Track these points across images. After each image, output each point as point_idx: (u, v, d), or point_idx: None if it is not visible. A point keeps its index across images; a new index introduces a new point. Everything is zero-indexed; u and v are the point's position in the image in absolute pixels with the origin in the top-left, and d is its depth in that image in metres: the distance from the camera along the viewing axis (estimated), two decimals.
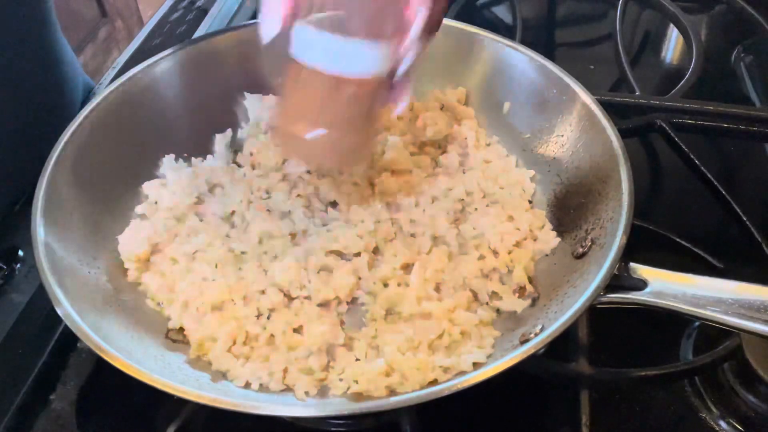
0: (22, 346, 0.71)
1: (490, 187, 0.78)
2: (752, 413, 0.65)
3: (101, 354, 0.55)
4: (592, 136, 0.73)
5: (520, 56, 0.82)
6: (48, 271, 0.60)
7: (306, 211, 0.76)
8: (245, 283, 0.69)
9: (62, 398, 0.67)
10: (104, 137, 0.75)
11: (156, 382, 0.53)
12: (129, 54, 1.07)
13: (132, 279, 0.71)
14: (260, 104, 0.87)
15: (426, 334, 0.65)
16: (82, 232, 0.69)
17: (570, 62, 0.91)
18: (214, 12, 1.15)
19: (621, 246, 0.60)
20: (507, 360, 0.54)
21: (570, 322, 0.56)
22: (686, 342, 0.71)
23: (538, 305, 0.68)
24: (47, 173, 0.68)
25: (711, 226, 0.86)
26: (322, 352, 0.64)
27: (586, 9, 1.27)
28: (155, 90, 0.81)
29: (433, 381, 0.61)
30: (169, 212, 0.76)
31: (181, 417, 0.64)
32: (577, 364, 0.68)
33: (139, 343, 0.63)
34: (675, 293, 0.58)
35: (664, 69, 1.16)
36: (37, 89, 0.87)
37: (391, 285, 0.70)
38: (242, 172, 0.81)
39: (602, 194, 0.69)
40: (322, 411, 0.58)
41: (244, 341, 0.65)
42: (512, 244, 0.73)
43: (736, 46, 1.11)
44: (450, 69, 0.88)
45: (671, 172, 0.92)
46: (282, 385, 0.62)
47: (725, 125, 0.92)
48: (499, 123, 0.85)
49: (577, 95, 0.75)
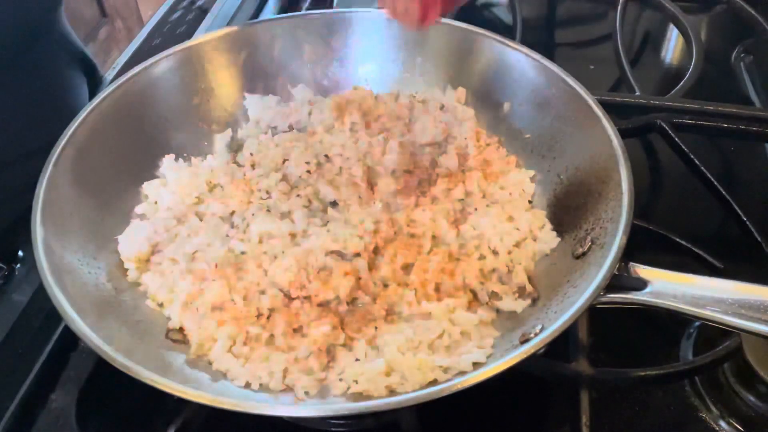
0: (22, 346, 0.71)
1: (490, 187, 0.78)
2: (752, 413, 0.65)
3: (101, 354, 0.55)
4: (592, 136, 0.73)
5: (520, 56, 0.82)
6: (48, 271, 0.60)
7: (306, 211, 0.76)
8: (245, 283, 0.69)
9: (62, 398, 0.67)
10: (104, 137, 0.75)
11: (156, 382, 0.53)
12: (129, 54, 1.07)
13: (132, 279, 0.71)
14: (260, 104, 0.87)
15: (426, 334, 0.65)
16: (82, 232, 0.69)
17: (570, 62, 0.91)
18: (214, 12, 1.16)
19: (621, 246, 0.60)
20: (507, 360, 0.54)
21: (570, 322, 0.56)
22: (686, 342, 0.71)
23: (538, 305, 0.68)
24: (47, 173, 0.68)
25: (711, 226, 0.86)
26: (322, 352, 0.64)
27: (586, 9, 1.27)
28: (155, 90, 0.81)
29: (433, 381, 0.61)
30: (169, 212, 0.76)
31: (181, 417, 0.64)
32: (577, 364, 0.68)
33: (139, 343, 0.63)
34: (675, 293, 0.58)
35: (664, 69, 1.16)
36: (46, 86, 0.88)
37: (391, 285, 0.70)
38: (242, 172, 0.81)
39: (602, 194, 0.69)
40: (322, 411, 0.58)
41: (244, 341, 0.65)
42: (512, 244, 0.73)
43: (736, 46, 1.11)
44: (450, 69, 0.88)
45: (671, 172, 0.92)
46: (282, 385, 0.62)
47: (725, 125, 0.92)
48: (499, 123, 0.85)
49: (577, 95, 0.75)
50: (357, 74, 0.91)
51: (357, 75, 0.91)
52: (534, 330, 0.61)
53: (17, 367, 0.69)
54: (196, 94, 0.85)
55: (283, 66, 0.89)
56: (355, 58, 0.91)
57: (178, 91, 0.83)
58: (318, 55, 0.90)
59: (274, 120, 0.87)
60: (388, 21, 0.88)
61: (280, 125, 0.87)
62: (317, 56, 0.90)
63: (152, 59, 0.81)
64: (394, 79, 0.90)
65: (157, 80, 0.81)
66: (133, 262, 0.71)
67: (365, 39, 0.90)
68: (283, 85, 0.89)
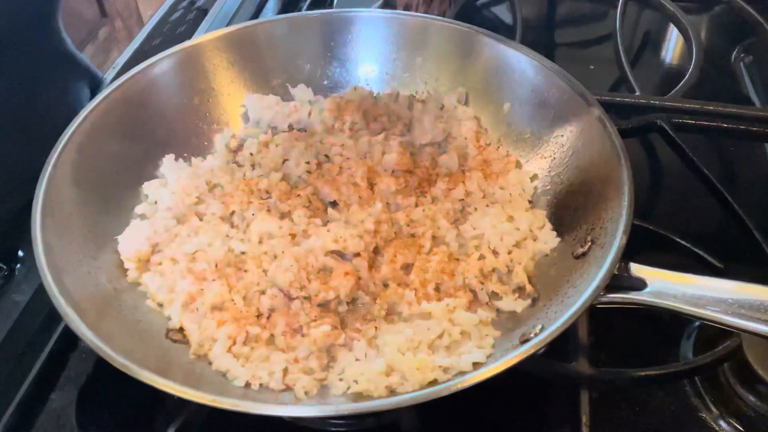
0: (22, 346, 0.71)
1: (490, 187, 0.78)
2: (752, 413, 0.65)
3: (101, 354, 0.55)
4: (592, 136, 0.73)
5: (520, 56, 0.82)
6: (48, 271, 0.60)
7: (306, 211, 0.76)
8: (245, 283, 0.69)
9: (62, 398, 0.67)
10: (104, 137, 0.75)
11: (156, 382, 0.53)
12: (129, 54, 1.07)
13: (132, 279, 0.71)
14: (260, 104, 0.87)
15: (426, 334, 0.65)
16: (82, 232, 0.69)
17: (570, 62, 0.92)
18: (214, 12, 1.16)
19: (621, 246, 0.60)
20: (507, 360, 0.54)
21: (570, 322, 0.56)
22: (686, 342, 0.71)
23: (538, 305, 0.68)
24: (47, 173, 0.68)
25: (711, 226, 0.86)
26: (322, 352, 0.64)
27: (586, 9, 1.27)
28: (155, 90, 0.81)
29: (433, 381, 0.61)
30: (169, 212, 0.76)
31: (181, 417, 0.64)
32: (577, 364, 0.68)
33: (139, 343, 0.63)
34: (675, 293, 0.58)
35: (664, 69, 1.16)
36: (42, 88, 0.88)
37: (391, 285, 0.70)
38: (242, 172, 0.81)
39: (602, 194, 0.69)
40: (322, 411, 0.58)
41: (244, 341, 0.65)
42: (512, 244, 0.73)
43: (736, 46, 1.12)
44: (450, 69, 0.88)
45: (671, 172, 0.92)
46: (282, 385, 0.62)
47: (725, 125, 0.92)
48: (499, 123, 0.85)
49: (577, 95, 0.75)
50: (357, 74, 0.91)
51: (357, 75, 0.91)
52: (534, 330, 0.61)
53: (17, 367, 0.69)
54: (196, 94, 0.85)
55: (283, 66, 0.89)
56: (355, 58, 0.91)
57: (178, 91, 0.83)
58: (318, 55, 0.90)
59: (274, 120, 0.87)
60: (388, 21, 0.89)
61: (280, 125, 0.87)
62: (317, 56, 0.90)
63: (152, 59, 0.81)
64: (394, 79, 0.91)
65: (157, 80, 0.81)
66: (133, 262, 0.71)
67: (365, 39, 0.90)
68: (283, 85, 0.89)
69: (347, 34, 0.90)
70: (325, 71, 0.91)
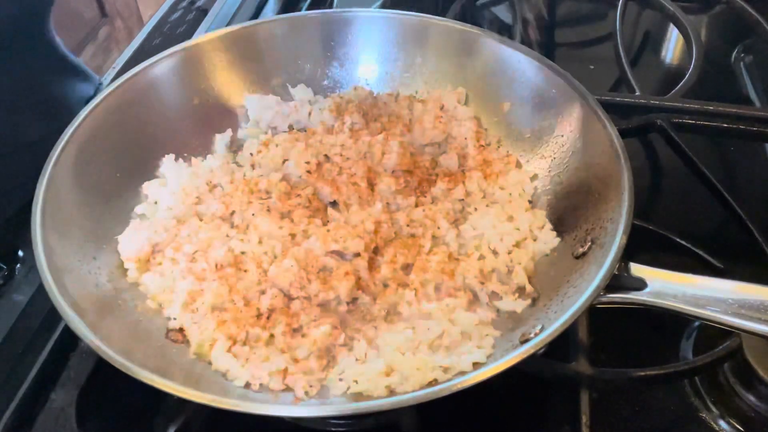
0: (22, 346, 0.71)
1: (490, 187, 0.78)
2: (752, 413, 0.65)
3: (101, 354, 0.55)
4: (592, 136, 0.73)
5: (520, 56, 0.82)
6: (48, 271, 0.60)
7: (306, 211, 0.76)
8: (245, 283, 0.69)
9: (62, 398, 0.67)
10: (104, 137, 0.75)
11: (156, 382, 0.53)
12: (129, 54, 1.08)
13: (132, 279, 0.71)
14: (260, 104, 0.87)
15: (426, 334, 0.65)
16: (82, 232, 0.69)
17: (570, 62, 0.92)
18: (214, 12, 1.16)
19: (621, 246, 0.60)
20: (507, 360, 0.54)
21: (570, 322, 0.56)
22: (686, 342, 0.71)
23: (538, 305, 0.68)
24: (47, 173, 0.68)
25: (711, 226, 0.86)
26: (322, 352, 0.64)
27: (586, 9, 1.27)
28: (155, 90, 0.81)
29: (433, 381, 0.61)
30: (169, 212, 0.76)
31: (181, 417, 0.64)
32: (577, 364, 0.68)
33: (139, 343, 0.63)
34: (675, 293, 0.58)
35: (664, 69, 1.16)
36: (37, 90, 0.88)
37: (391, 285, 0.70)
38: (242, 172, 0.81)
39: (602, 194, 0.69)
40: (322, 411, 0.58)
41: (244, 341, 0.65)
42: (512, 244, 0.73)
43: (736, 46, 1.12)
44: (450, 69, 0.88)
45: (671, 172, 0.92)
46: (282, 385, 0.62)
47: (725, 125, 0.92)
48: (499, 123, 0.85)
49: (577, 95, 0.75)
50: (357, 74, 0.91)
51: (357, 75, 0.91)
52: (534, 330, 0.61)
53: (17, 367, 0.69)
54: (196, 94, 0.85)
55: (283, 66, 0.89)
56: (355, 58, 0.91)
57: (178, 91, 0.83)
58: (318, 55, 0.90)
59: (274, 120, 0.87)
60: (388, 21, 0.89)
61: (280, 125, 0.87)
62: (317, 56, 0.90)
63: (152, 59, 0.81)
64: (394, 79, 0.91)
65: (157, 80, 0.81)
66: (133, 262, 0.71)
67: (365, 39, 0.90)
68: (283, 85, 0.89)
69: (347, 34, 0.90)
70: (325, 71, 0.91)
